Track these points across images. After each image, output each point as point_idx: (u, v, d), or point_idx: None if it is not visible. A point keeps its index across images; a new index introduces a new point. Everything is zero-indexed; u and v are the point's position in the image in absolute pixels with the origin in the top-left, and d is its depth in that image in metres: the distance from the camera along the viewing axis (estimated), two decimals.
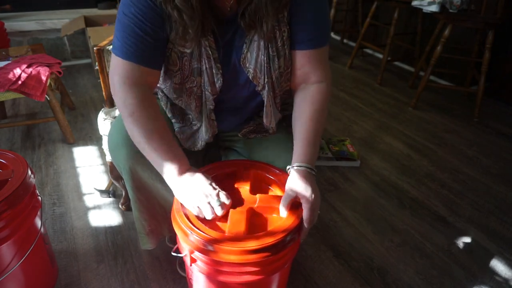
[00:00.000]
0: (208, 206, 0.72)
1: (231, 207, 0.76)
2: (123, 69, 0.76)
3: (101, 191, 1.44)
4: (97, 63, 1.14)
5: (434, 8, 2.14)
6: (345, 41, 3.65)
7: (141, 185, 0.90)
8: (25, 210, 0.89)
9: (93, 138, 1.85)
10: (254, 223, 0.75)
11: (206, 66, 0.80)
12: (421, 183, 1.62)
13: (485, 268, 1.21)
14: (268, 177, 0.86)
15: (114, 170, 1.23)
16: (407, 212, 1.44)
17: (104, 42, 1.17)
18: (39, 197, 0.98)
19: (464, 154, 1.86)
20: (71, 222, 1.32)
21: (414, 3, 2.25)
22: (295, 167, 0.78)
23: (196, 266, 0.75)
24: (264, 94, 0.84)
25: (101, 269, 1.14)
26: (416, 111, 2.29)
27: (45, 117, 1.93)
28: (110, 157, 0.99)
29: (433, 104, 2.40)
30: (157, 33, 0.75)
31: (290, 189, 0.75)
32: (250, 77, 0.82)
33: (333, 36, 3.77)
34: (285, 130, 0.98)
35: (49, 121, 1.88)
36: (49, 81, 1.63)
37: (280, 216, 0.75)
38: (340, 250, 1.25)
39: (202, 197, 0.73)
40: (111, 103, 1.23)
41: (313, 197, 0.74)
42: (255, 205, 0.77)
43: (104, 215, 1.35)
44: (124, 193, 1.36)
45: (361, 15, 3.16)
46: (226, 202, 0.74)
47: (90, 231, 1.28)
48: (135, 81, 0.77)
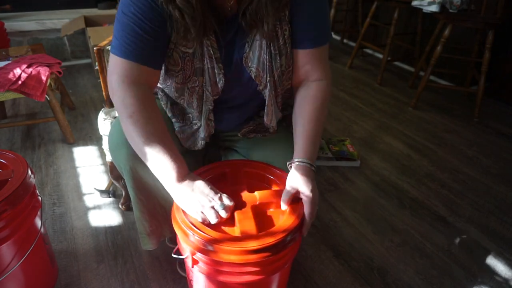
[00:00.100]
0: (212, 211, 0.71)
1: (234, 208, 0.76)
2: (122, 68, 0.75)
3: (101, 191, 1.44)
4: (97, 63, 1.14)
5: (434, 8, 2.14)
6: (345, 41, 3.65)
7: (142, 185, 0.90)
8: (25, 210, 0.89)
9: (93, 138, 1.85)
10: (262, 220, 0.75)
11: (208, 66, 0.80)
12: (421, 183, 1.62)
13: (485, 268, 1.21)
14: (267, 177, 0.86)
15: (114, 170, 1.23)
16: (407, 212, 1.44)
17: (104, 42, 1.17)
18: (39, 197, 0.98)
19: (464, 154, 1.86)
20: (71, 222, 1.32)
21: (414, 3, 2.25)
22: (296, 163, 0.79)
23: (197, 267, 0.75)
24: (266, 93, 0.84)
25: (101, 269, 1.14)
26: (416, 111, 2.29)
27: (45, 117, 1.93)
28: (110, 157, 0.99)
29: (433, 104, 2.40)
30: (157, 32, 0.74)
31: (291, 185, 0.77)
32: (253, 76, 0.82)
33: (333, 36, 3.77)
34: (285, 130, 0.98)
35: (49, 121, 1.88)
36: (49, 81, 1.63)
37: (283, 210, 0.77)
38: (340, 250, 1.25)
39: (205, 203, 0.72)
40: (111, 103, 1.23)
41: (313, 193, 0.75)
42: (257, 203, 0.78)
43: (104, 215, 1.35)
44: (124, 193, 1.36)
45: (361, 15, 3.16)
46: (230, 204, 0.74)
47: (90, 231, 1.28)
48: (134, 80, 0.75)
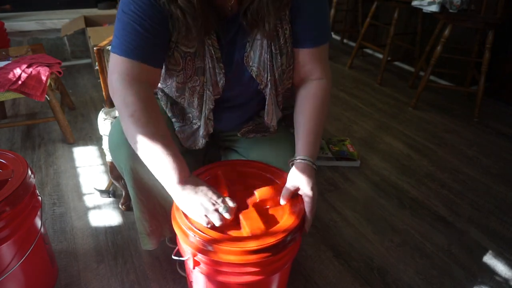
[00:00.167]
0: (216, 214, 0.71)
1: (237, 209, 0.75)
2: (123, 67, 0.74)
3: (101, 191, 1.44)
4: (97, 63, 1.14)
5: (434, 8, 2.14)
6: (345, 41, 3.65)
7: (142, 185, 0.90)
8: (25, 210, 0.89)
9: (93, 138, 1.85)
10: (266, 217, 0.75)
11: (209, 66, 0.80)
12: (421, 183, 1.62)
13: (485, 268, 1.21)
14: (266, 177, 0.86)
15: (114, 170, 1.23)
16: (407, 212, 1.44)
17: (104, 42, 1.17)
18: (39, 197, 0.98)
19: (464, 154, 1.86)
20: (71, 222, 1.32)
21: (414, 3, 2.25)
22: (298, 161, 0.80)
23: (197, 267, 0.75)
24: (267, 92, 0.84)
25: (101, 269, 1.14)
26: (416, 111, 2.29)
27: (45, 117, 1.93)
28: (111, 157, 0.99)
29: (433, 104, 2.40)
30: (157, 30, 0.74)
31: (291, 182, 0.78)
32: (254, 75, 0.82)
33: (333, 36, 3.77)
34: (285, 130, 0.98)
35: (49, 121, 1.88)
36: (49, 81, 1.63)
37: (284, 207, 0.78)
38: (340, 250, 1.25)
39: (209, 206, 0.71)
40: (111, 103, 1.23)
41: (313, 191, 0.77)
42: (257, 201, 0.78)
43: (104, 215, 1.35)
44: (124, 193, 1.36)
45: (361, 15, 3.16)
46: (233, 206, 0.73)
47: (90, 231, 1.28)
48: (135, 78, 0.74)
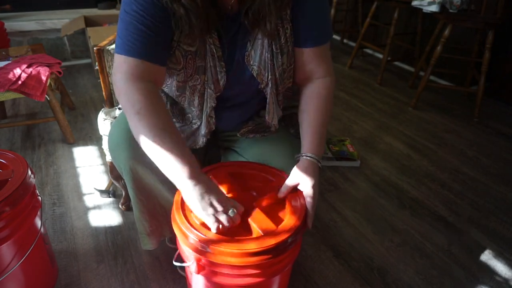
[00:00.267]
0: (225, 216, 0.71)
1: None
2: (127, 66, 0.74)
3: (101, 191, 1.44)
4: (97, 63, 1.14)
5: (434, 8, 2.14)
6: (345, 41, 3.65)
7: (142, 186, 0.90)
8: (25, 210, 0.89)
9: (93, 138, 1.85)
10: (272, 215, 0.76)
11: (210, 64, 0.80)
12: (421, 183, 1.62)
13: (485, 268, 1.21)
14: (266, 177, 0.86)
15: (114, 170, 1.23)
16: (407, 212, 1.44)
17: (104, 42, 1.17)
18: (39, 197, 0.98)
19: (464, 154, 1.86)
20: (71, 222, 1.32)
21: (414, 3, 2.25)
22: (303, 157, 0.81)
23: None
24: (267, 91, 0.85)
25: (101, 269, 1.14)
26: (416, 111, 2.29)
27: (45, 117, 1.93)
28: (110, 157, 0.99)
29: (433, 104, 2.40)
30: (160, 29, 0.74)
31: (293, 178, 0.80)
32: (255, 74, 0.82)
33: (333, 36, 3.77)
34: (284, 130, 0.98)
35: (49, 121, 1.88)
36: (49, 81, 1.63)
37: (285, 206, 0.78)
38: (340, 250, 1.25)
39: (219, 206, 0.72)
40: (111, 103, 1.23)
41: (314, 188, 0.78)
42: (258, 200, 0.78)
43: (104, 215, 1.35)
44: (124, 193, 1.36)
45: (361, 15, 3.16)
46: (241, 210, 0.74)
47: (90, 231, 1.28)
48: (139, 77, 0.74)
